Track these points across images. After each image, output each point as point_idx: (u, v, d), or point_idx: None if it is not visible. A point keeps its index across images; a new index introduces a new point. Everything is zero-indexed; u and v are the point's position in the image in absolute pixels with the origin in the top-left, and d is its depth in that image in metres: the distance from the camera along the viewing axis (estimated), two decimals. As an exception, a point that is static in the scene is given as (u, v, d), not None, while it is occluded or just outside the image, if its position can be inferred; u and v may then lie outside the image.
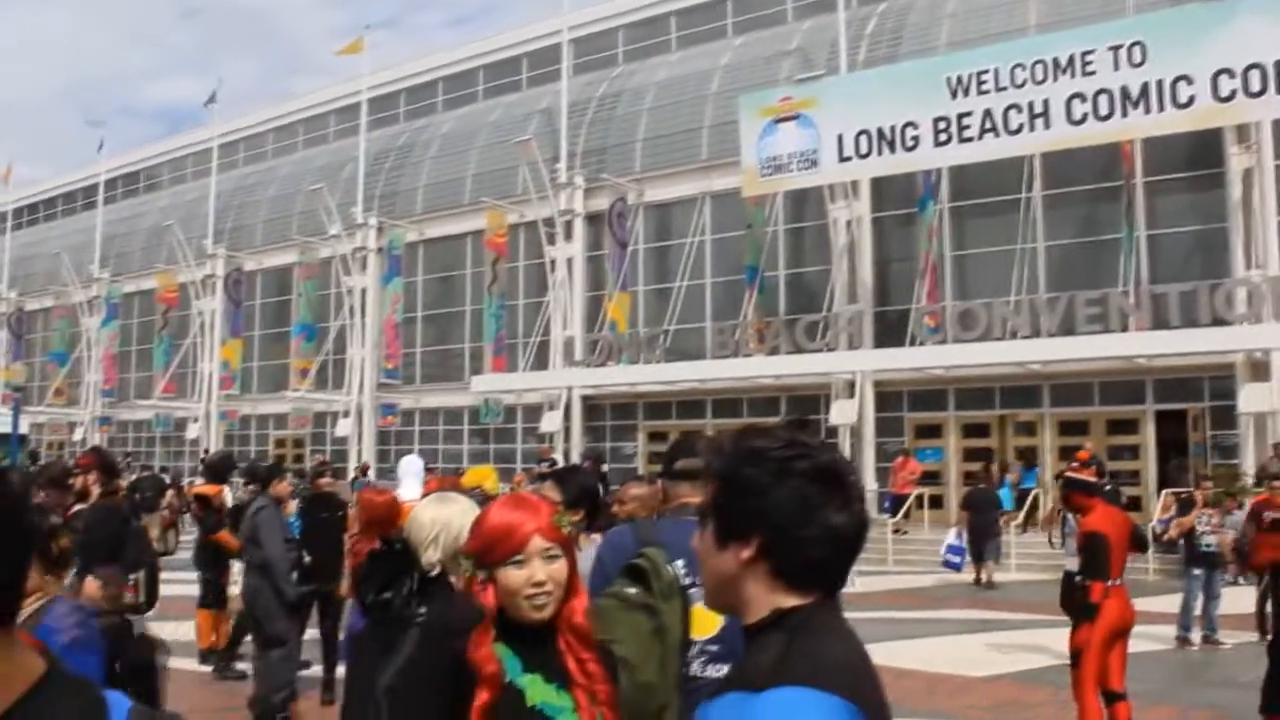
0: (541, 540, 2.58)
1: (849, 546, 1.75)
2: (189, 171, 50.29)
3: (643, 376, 28.93)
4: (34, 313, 51.96)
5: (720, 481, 1.81)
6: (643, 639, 3.15)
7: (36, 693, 1.19)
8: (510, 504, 2.72)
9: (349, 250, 37.18)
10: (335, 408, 37.08)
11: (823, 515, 1.72)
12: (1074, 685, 7.77)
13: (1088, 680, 7.61)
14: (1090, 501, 8.12)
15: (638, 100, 33.52)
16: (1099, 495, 8.22)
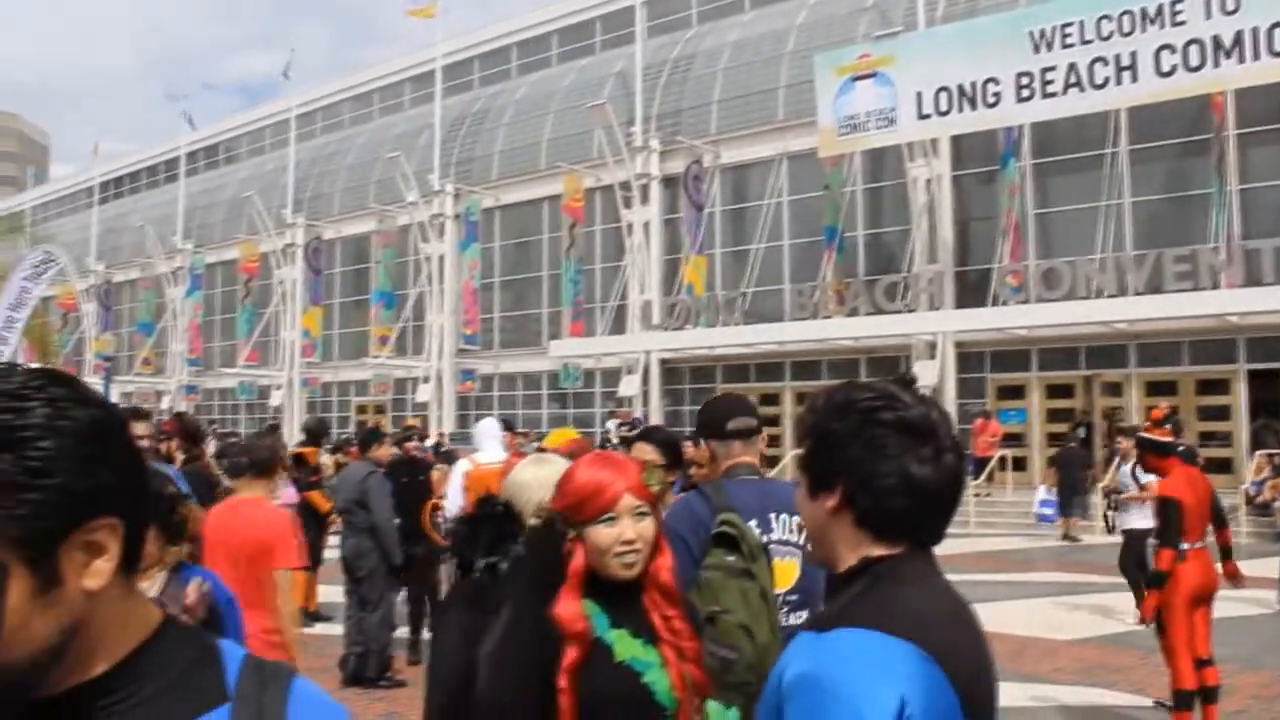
0: (632, 498, 2.58)
1: (935, 499, 1.77)
2: (268, 143, 50.84)
3: (721, 339, 28.85)
4: (121, 284, 52.99)
5: (809, 434, 1.86)
6: (752, 604, 3.26)
7: (154, 640, 1.22)
8: (599, 462, 2.71)
9: (426, 217, 37.42)
10: (415, 374, 37.44)
11: (902, 464, 1.74)
12: (1163, 651, 7.58)
13: (1177, 645, 7.41)
14: (1165, 463, 7.83)
15: (712, 61, 33.25)
16: (1174, 455, 7.94)
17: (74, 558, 1.14)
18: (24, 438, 1.11)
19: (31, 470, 1.11)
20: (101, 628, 1.18)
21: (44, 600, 1.12)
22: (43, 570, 1.11)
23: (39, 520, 1.11)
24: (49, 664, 1.13)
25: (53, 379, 1.18)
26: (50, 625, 1.13)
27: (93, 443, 1.16)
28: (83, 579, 1.14)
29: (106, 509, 1.16)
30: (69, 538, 1.13)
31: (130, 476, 1.20)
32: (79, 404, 1.16)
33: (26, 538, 1.10)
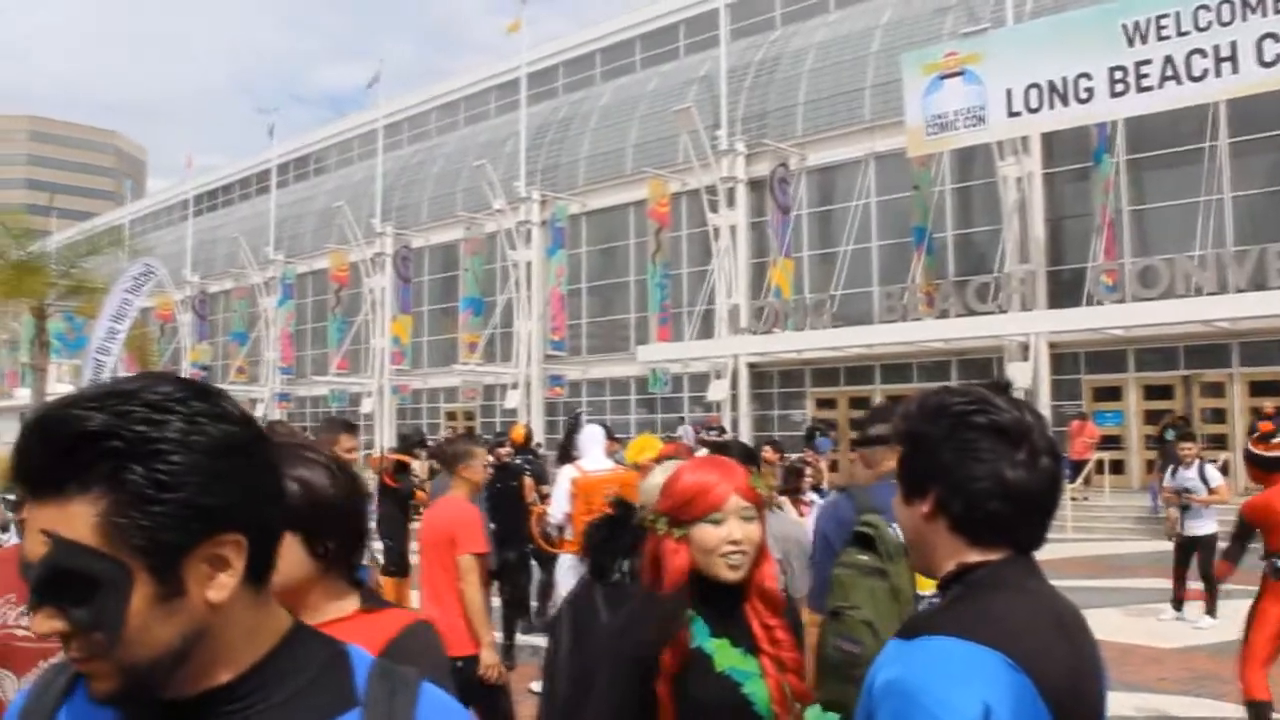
0: (739, 499, 2.58)
1: (1030, 503, 1.76)
2: (355, 153, 51.56)
3: (809, 343, 28.63)
4: (215, 295, 54.09)
5: (902, 439, 1.87)
6: (880, 602, 3.29)
7: (284, 647, 1.27)
8: (706, 464, 2.72)
9: (513, 224, 37.66)
10: (504, 380, 37.69)
11: (995, 469, 1.74)
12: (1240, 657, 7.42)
13: (1255, 653, 7.24)
14: (1269, 478, 7.67)
15: (797, 63, 33.06)
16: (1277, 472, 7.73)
17: (198, 569, 1.17)
18: (157, 450, 1.14)
19: (159, 483, 1.14)
20: (228, 636, 1.22)
21: (166, 608, 1.16)
22: (166, 579, 1.16)
23: (163, 532, 1.14)
24: (171, 667, 1.18)
25: (197, 392, 1.21)
26: (172, 632, 1.17)
27: (224, 459, 1.18)
28: (206, 591, 1.18)
29: (232, 525, 1.19)
30: (193, 551, 1.16)
31: (260, 493, 1.23)
32: (216, 420, 1.19)
33: (151, 548, 1.14)
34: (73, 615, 1.14)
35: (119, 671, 1.16)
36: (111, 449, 1.14)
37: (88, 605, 1.14)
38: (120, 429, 1.14)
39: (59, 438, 1.15)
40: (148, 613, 1.15)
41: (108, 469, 1.13)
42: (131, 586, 1.14)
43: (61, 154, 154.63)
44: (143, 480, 1.13)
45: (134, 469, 1.13)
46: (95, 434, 1.14)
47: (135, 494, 1.13)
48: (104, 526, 1.13)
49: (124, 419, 1.14)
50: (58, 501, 1.14)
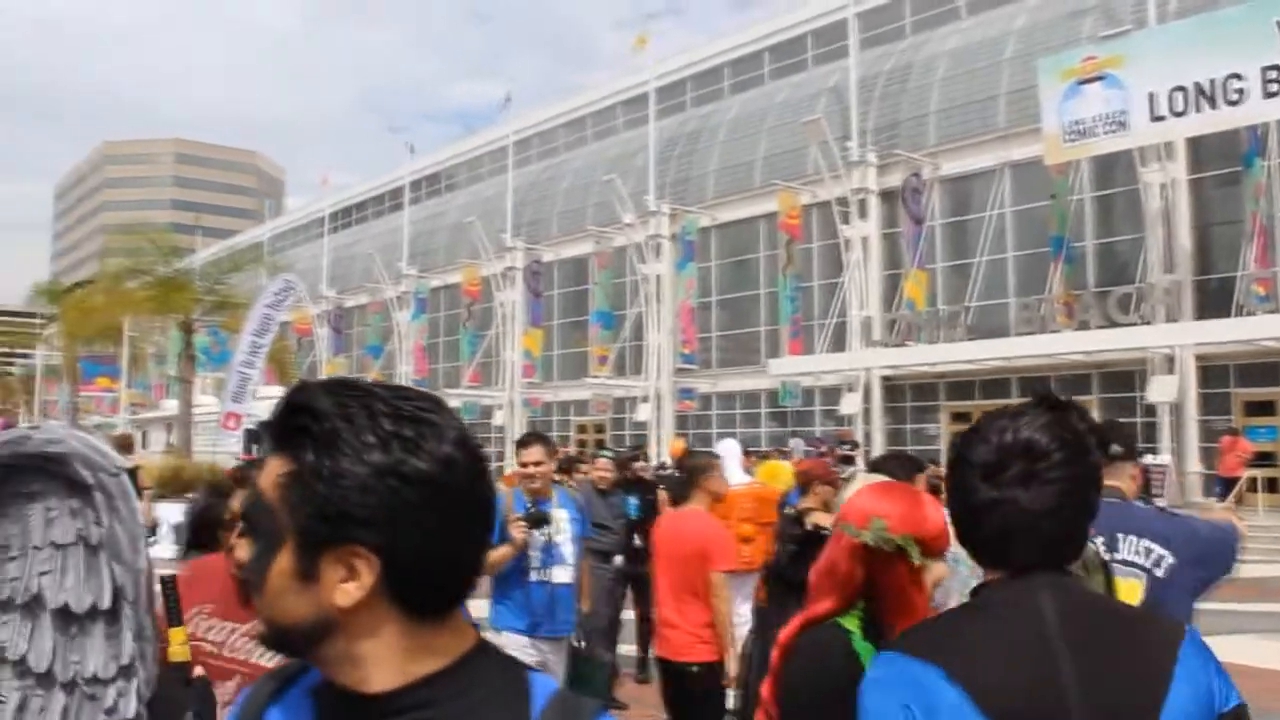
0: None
1: (1006, 527, 1.84)
2: (486, 170, 52.27)
3: (944, 356, 28.18)
4: (351, 309, 55.26)
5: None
6: None
7: (459, 665, 1.29)
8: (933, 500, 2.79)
9: (643, 238, 37.78)
10: (634, 393, 37.81)
11: (967, 499, 1.89)
12: None
13: None
14: None
15: (929, 72, 32.61)
16: None
17: (333, 568, 1.24)
18: (335, 447, 1.23)
19: (319, 474, 1.22)
20: (374, 647, 1.26)
21: (299, 586, 1.25)
22: (303, 561, 1.24)
23: (310, 517, 1.23)
24: (302, 643, 1.27)
25: (418, 421, 1.26)
26: (302, 610, 1.25)
27: (387, 482, 1.23)
28: (334, 592, 1.24)
29: (369, 542, 1.23)
30: (331, 548, 1.23)
31: (416, 528, 1.24)
32: (410, 449, 1.23)
33: (299, 525, 1.24)
34: (249, 551, 1.31)
35: (263, 617, 1.29)
36: (306, 427, 1.24)
37: (253, 547, 1.30)
38: (323, 416, 1.24)
39: (289, 404, 1.28)
40: (283, 581, 1.25)
41: (298, 443, 1.24)
42: (280, 548, 1.25)
43: (205, 175, 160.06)
44: (311, 465, 1.22)
45: (310, 452, 1.23)
46: (303, 409, 1.26)
47: (302, 473, 1.23)
48: (277, 487, 1.25)
49: (334, 411, 1.24)
50: (269, 456, 1.28)
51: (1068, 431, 1.88)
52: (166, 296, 31.99)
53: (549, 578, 6.29)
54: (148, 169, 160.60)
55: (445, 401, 1.34)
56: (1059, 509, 1.83)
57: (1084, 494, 1.88)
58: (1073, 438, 1.88)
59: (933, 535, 2.59)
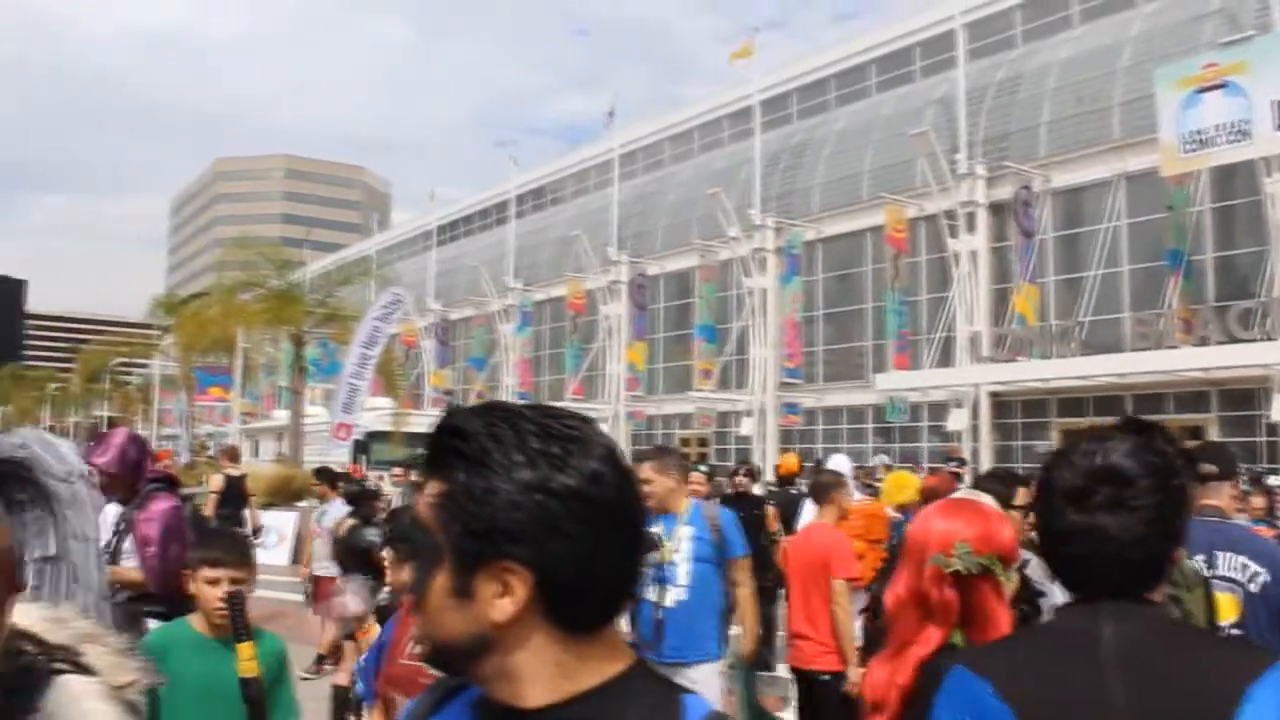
0: None
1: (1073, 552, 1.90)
2: (591, 183, 52.54)
3: (1055, 371, 27.59)
4: (456, 321, 55.88)
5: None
6: None
7: (614, 683, 1.31)
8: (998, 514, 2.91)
9: (748, 251, 37.65)
10: (738, 407, 37.67)
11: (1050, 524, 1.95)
12: None
13: None
14: None
15: (1039, 82, 32.05)
16: None
17: (488, 585, 1.27)
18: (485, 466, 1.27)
19: (470, 494, 1.26)
20: (529, 663, 1.29)
21: (456, 603, 1.28)
22: (460, 578, 1.28)
23: (463, 536, 1.27)
24: (462, 659, 1.30)
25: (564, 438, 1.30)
26: (460, 626, 1.28)
27: (534, 498, 1.26)
28: (489, 608, 1.26)
29: (522, 559, 1.25)
30: (485, 564, 1.26)
31: (569, 544, 1.26)
32: (556, 465, 1.27)
33: (454, 544, 1.27)
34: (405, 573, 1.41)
35: (424, 636, 1.32)
36: (457, 449, 1.29)
37: (414, 567, 1.34)
38: (472, 437, 1.29)
39: (441, 428, 1.33)
40: (441, 599, 1.29)
41: (450, 465, 1.29)
42: (437, 567, 1.29)
43: (313, 190, 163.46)
44: (462, 485, 1.27)
45: (462, 473, 1.27)
46: (454, 431, 1.31)
47: (454, 493, 1.27)
48: (432, 508, 1.30)
49: (483, 431, 1.29)
50: (426, 478, 1.33)
51: (1154, 456, 1.90)
52: (279, 309, 32.61)
53: (658, 599, 6.00)
54: (258, 184, 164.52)
55: (593, 419, 1.38)
56: (1145, 536, 1.85)
57: (1170, 520, 1.89)
58: (1160, 462, 1.90)
59: (1009, 550, 2.69)
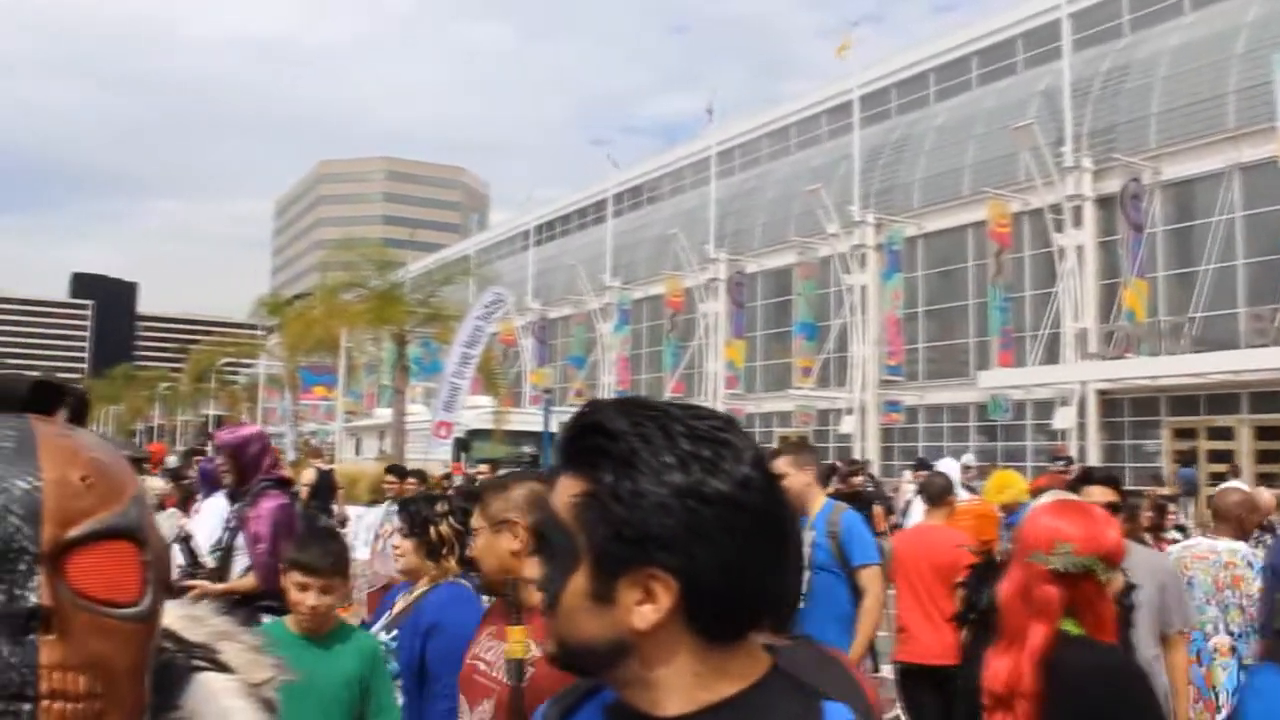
0: None
1: None
2: (688, 181, 52.50)
3: (1166, 369, 26.90)
4: (555, 320, 56.23)
5: None
6: None
7: (753, 691, 1.26)
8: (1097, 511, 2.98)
9: (847, 248, 37.32)
10: (838, 405, 37.35)
11: None
12: None
13: None
14: None
15: (1149, 71, 31.23)
16: None
17: (630, 591, 1.22)
18: (632, 466, 1.22)
19: (616, 495, 1.22)
20: (668, 672, 1.24)
21: (595, 607, 1.23)
22: (600, 581, 1.23)
23: (607, 539, 1.22)
24: (597, 664, 1.27)
25: (715, 441, 1.24)
26: (596, 631, 1.24)
27: (685, 503, 1.21)
28: (631, 614, 1.22)
29: (667, 565, 1.20)
30: (628, 569, 1.21)
31: (717, 552, 1.21)
32: (709, 469, 1.22)
33: (597, 545, 1.23)
34: (542, 571, 1.29)
35: (555, 637, 1.28)
36: (601, 447, 1.24)
37: (546, 568, 1.28)
38: (620, 436, 1.24)
39: (583, 424, 1.28)
40: (579, 602, 1.24)
41: (594, 463, 1.24)
42: (575, 568, 1.24)
43: (413, 191, 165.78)
44: (608, 485, 1.22)
45: (607, 473, 1.23)
46: (598, 429, 1.25)
47: (599, 494, 1.22)
48: (572, 507, 1.25)
49: (631, 431, 1.23)
50: (562, 475, 1.29)
51: None
52: (381, 309, 33.11)
53: None
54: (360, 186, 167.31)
55: (738, 420, 1.33)
56: None
57: None
58: None
59: (1112, 550, 2.77)
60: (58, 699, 0.87)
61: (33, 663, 0.87)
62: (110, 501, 0.96)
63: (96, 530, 0.94)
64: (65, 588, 0.91)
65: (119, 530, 0.95)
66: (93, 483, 0.95)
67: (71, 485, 0.93)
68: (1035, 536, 2.81)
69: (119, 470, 1.00)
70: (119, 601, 0.94)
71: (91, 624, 0.91)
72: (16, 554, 0.89)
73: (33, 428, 0.96)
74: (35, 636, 0.87)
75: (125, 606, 0.94)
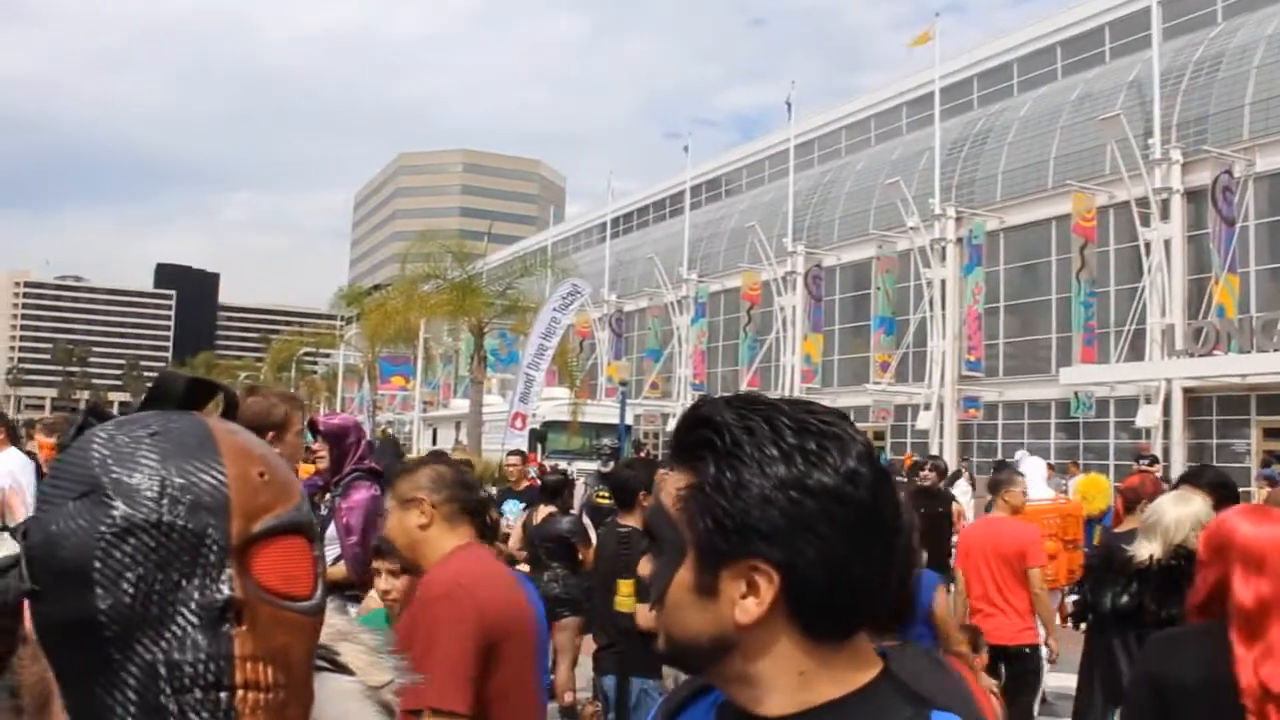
0: None
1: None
2: (766, 174, 52.29)
3: (1257, 366, 26.25)
4: (631, 313, 56.26)
5: None
6: None
7: (857, 697, 1.23)
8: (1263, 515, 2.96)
9: (927, 241, 36.91)
10: (916, 400, 36.97)
11: None
12: None
13: None
14: None
15: (1243, 59, 30.48)
16: None
17: (734, 584, 1.21)
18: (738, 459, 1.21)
19: (720, 487, 1.21)
20: (770, 669, 1.23)
21: (699, 601, 1.23)
22: (704, 575, 1.22)
23: (711, 531, 1.21)
24: (700, 659, 1.27)
25: (820, 434, 1.23)
26: (700, 625, 1.23)
27: (787, 495, 1.19)
28: (734, 609, 1.21)
29: (770, 557, 1.19)
30: (732, 562, 1.21)
31: (819, 544, 1.19)
32: (812, 462, 1.20)
33: (702, 538, 1.22)
34: (651, 565, 1.29)
35: (663, 632, 1.28)
36: (709, 440, 1.24)
37: (654, 564, 1.28)
38: (725, 429, 1.23)
39: (691, 418, 1.28)
40: (684, 595, 1.24)
41: (700, 456, 1.24)
42: (681, 562, 1.24)
43: (490, 183, 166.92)
44: (712, 477, 1.22)
45: (711, 465, 1.22)
46: (705, 422, 1.25)
47: (703, 486, 1.22)
48: (680, 499, 1.24)
49: (736, 423, 1.23)
50: (671, 470, 1.29)
51: None
52: (460, 300, 33.36)
53: None
54: (437, 178, 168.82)
55: (848, 416, 1.31)
56: None
57: None
58: None
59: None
60: (251, 689, 0.89)
61: (228, 654, 0.88)
62: (286, 497, 0.97)
63: (276, 525, 0.94)
64: (250, 582, 0.92)
65: (295, 525, 0.96)
66: (269, 479, 0.96)
67: (252, 481, 0.94)
68: (1249, 541, 2.87)
69: (286, 466, 1.01)
70: (296, 595, 0.95)
71: (273, 617, 0.92)
72: (208, 548, 0.90)
73: (208, 424, 0.97)
74: (229, 628, 0.89)
75: (301, 600, 0.95)
